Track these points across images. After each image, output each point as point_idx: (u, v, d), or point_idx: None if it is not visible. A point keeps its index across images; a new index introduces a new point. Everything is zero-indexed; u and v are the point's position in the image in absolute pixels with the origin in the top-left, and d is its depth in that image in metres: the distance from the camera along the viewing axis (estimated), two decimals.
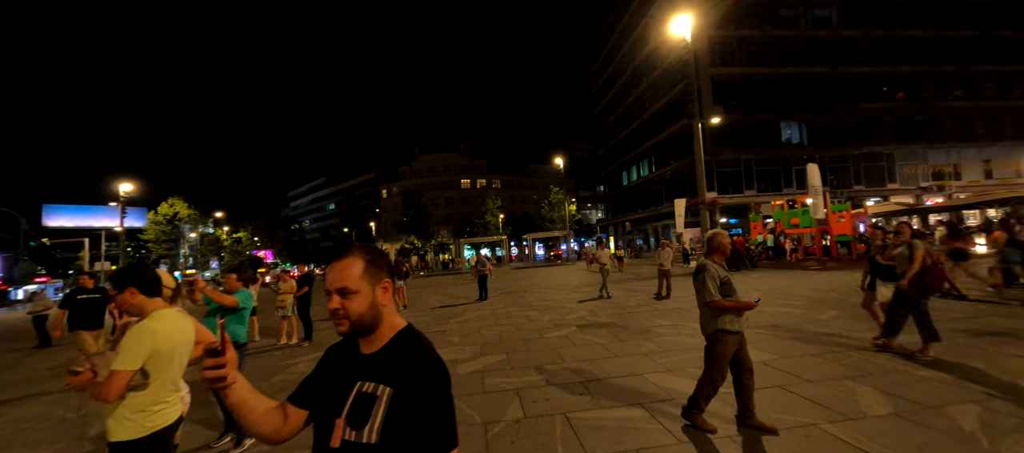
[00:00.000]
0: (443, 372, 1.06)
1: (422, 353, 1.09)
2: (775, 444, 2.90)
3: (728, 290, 3.12)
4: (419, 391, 1.00)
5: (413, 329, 1.18)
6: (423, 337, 1.16)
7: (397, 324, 1.16)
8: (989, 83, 30.85)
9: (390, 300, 1.15)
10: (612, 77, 44.85)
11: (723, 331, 3.07)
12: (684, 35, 16.34)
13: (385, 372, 1.05)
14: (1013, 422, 2.94)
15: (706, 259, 3.29)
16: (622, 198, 44.03)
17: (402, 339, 1.13)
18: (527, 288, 15.24)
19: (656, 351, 5.40)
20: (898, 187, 29.40)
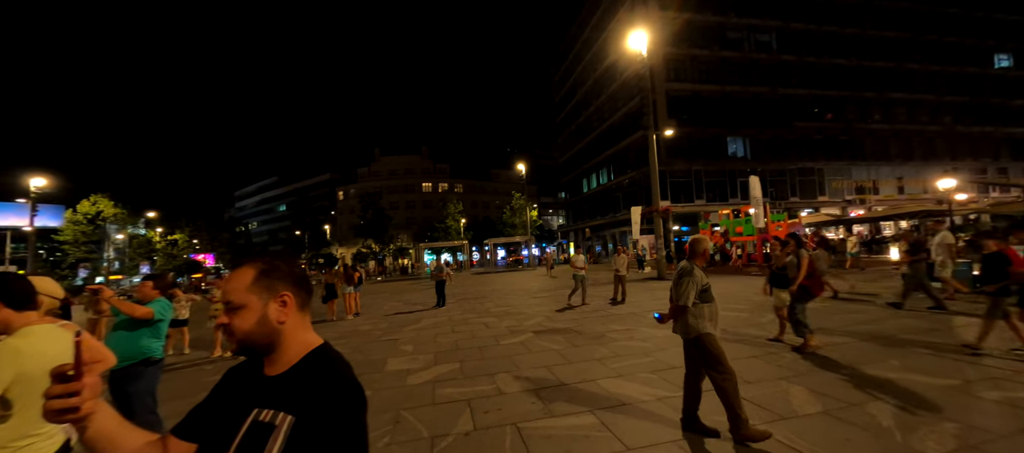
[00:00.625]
0: (356, 398, 0.93)
1: (334, 376, 0.95)
2: (716, 445, 2.97)
3: (708, 296, 3.12)
4: (325, 420, 0.87)
5: (328, 348, 1.04)
6: (339, 358, 1.02)
7: (309, 342, 1.02)
8: (901, 109, 34.74)
9: (294, 315, 1.01)
10: (574, 86, 45.99)
11: (707, 334, 3.07)
12: (641, 50, 17.08)
13: (288, 398, 0.91)
14: (921, 417, 3.21)
15: (689, 262, 3.23)
16: (582, 205, 45.06)
17: (313, 360, 0.99)
18: (486, 294, 15.10)
19: (609, 356, 5.46)
20: (827, 199, 32.27)
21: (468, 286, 19.41)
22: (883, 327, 6.19)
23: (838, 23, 33.87)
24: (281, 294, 0.99)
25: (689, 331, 3.11)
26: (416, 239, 51.32)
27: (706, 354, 3.04)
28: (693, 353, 3.15)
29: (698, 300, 3.08)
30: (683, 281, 3.10)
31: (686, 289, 3.06)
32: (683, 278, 3.12)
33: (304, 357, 0.99)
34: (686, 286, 3.07)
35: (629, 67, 30.52)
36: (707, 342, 3.04)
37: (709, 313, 3.10)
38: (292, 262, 1.06)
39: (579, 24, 44.48)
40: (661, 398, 3.92)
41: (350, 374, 0.98)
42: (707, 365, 3.05)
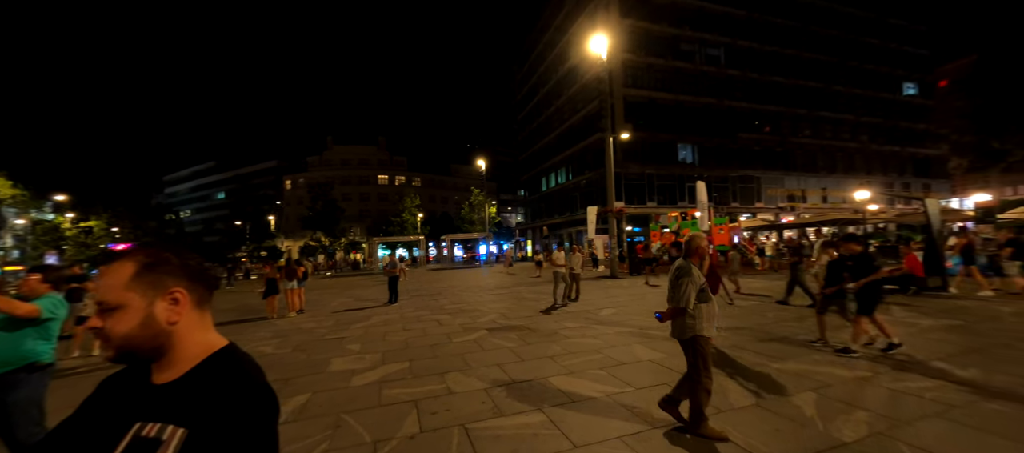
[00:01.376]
0: (265, 405, 0.81)
1: (238, 380, 0.83)
2: (646, 442, 3.06)
3: (705, 296, 3.05)
4: (226, 431, 0.74)
5: (234, 350, 0.90)
6: (245, 359, 0.89)
7: (209, 344, 0.89)
8: (827, 127, 38.41)
9: (189, 314, 0.87)
10: (536, 86, 46.36)
11: (703, 336, 3.04)
12: (601, 55, 17.49)
13: (180, 407, 0.78)
14: (839, 406, 3.50)
15: (687, 262, 3.12)
16: (541, 203, 45.61)
17: (214, 364, 0.86)
18: (441, 290, 14.84)
19: (561, 354, 5.51)
20: (763, 206, 35.00)
21: (423, 282, 18.98)
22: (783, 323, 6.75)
23: (778, 44, 36.74)
24: (171, 290, 0.85)
25: (685, 331, 3.05)
26: (370, 233, 49.45)
27: (696, 355, 3.02)
28: (685, 351, 3.12)
29: (696, 301, 3.00)
30: (682, 282, 3.01)
31: (685, 291, 2.97)
32: (681, 278, 3.02)
33: (203, 361, 0.86)
34: (685, 287, 2.98)
35: (589, 71, 31.25)
36: (700, 344, 3.02)
37: (706, 314, 3.04)
38: (185, 254, 0.91)
39: (542, 26, 44.88)
40: (610, 394, 3.99)
41: (259, 378, 0.86)
42: (693, 365, 3.05)
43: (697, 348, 3.02)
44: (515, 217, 70.22)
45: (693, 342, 3.03)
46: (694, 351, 3.03)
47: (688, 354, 3.08)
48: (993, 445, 2.80)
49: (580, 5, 35.85)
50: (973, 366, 4.32)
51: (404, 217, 45.19)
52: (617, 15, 31.52)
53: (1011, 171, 21.39)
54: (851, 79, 39.39)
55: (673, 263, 5.80)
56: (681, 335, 3.09)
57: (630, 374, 4.56)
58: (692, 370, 3.05)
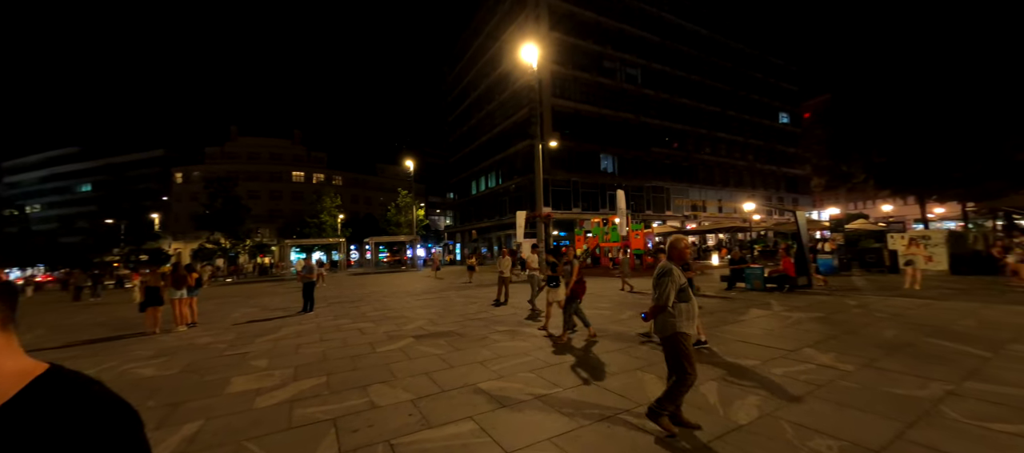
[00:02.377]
0: (124, 421, 0.70)
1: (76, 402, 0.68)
2: (575, 440, 3.16)
3: (685, 296, 3.16)
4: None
5: (61, 372, 0.73)
6: (82, 380, 0.72)
7: (23, 372, 0.71)
8: (723, 146, 43.93)
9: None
10: (467, 88, 46.21)
11: (682, 333, 3.14)
12: (532, 64, 17.97)
13: None
14: (737, 391, 3.95)
15: (669, 263, 3.25)
16: (470, 206, 45.44)
17: (33, 394, 0.68)
18: (364, 297, 13.97)
19: (491, 358, 5.47)
20: (672, 214, 38.81)
21: (343, 288, 17.72)
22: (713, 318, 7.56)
23: (685, 70, 41.17)
24: None
25: (665, 329, 3.17)
26: (281, 235, 44.94)
27: (676, 352, 3.14)
28: (665, 349, 3.23)
29: (676, 300, 3.12)
30: (663, 282, 3.13)
31: (666, 290, 3.10)
32: (663, 279, 3.14)
33: (18, 394, 0.68)
34: (666, 287, 3.10)
35: (520, 78, 31.99)
36: (680, 341, 3.13)
37: (685, 312, 3.15)
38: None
39: (473, 30, 44.97)
40: (541, 396, 4.04)
41: (111, 395, 0.72)
42: (675, 361, 3.16)
43: (677, 344, 3.14)
44: (444, 220, 69.08)
45: (673, 339, 3.15)
46: (675, 347, 3.15)
47: (669, 351, 3.20)
48: (851, 416, 3.36)
49: (511, 15, 36.63)
50: (832, 350, 5.18)
51: (322, 218, 41.88)
52: (546, 27, 32.75)
53: (854, 190, 26.40)
54: (742, 106, 45.59)
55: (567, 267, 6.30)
56: (662, 332, 3.21)
57: (557, 375, 4.68)
58: (676, 366, 3.15)
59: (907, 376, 4.17)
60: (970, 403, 3.49)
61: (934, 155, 19.65)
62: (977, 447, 2.81)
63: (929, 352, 4.97)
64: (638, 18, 38.69)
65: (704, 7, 43.46)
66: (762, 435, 3.10)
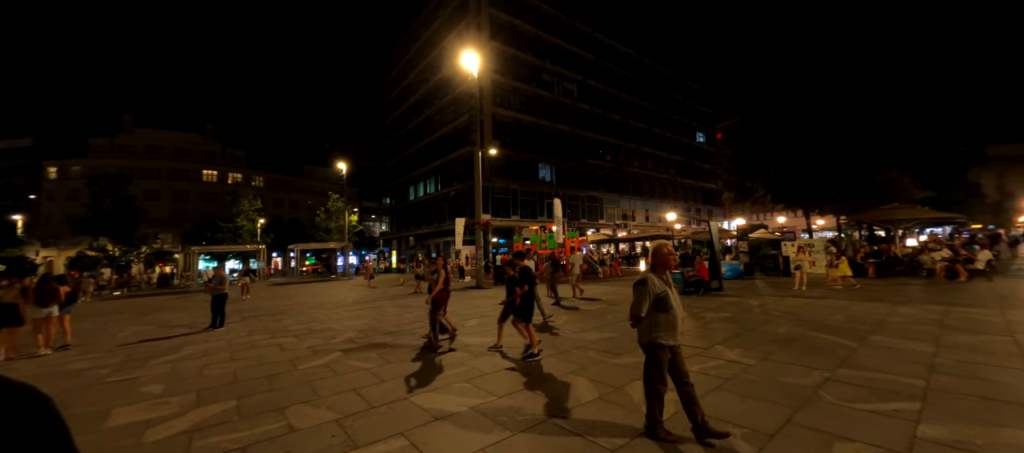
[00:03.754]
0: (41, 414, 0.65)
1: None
2: (509, 449, 3.17)
3: (663, 305, 3.07)
4: None
5: None
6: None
7: None
8: (649, 161, 47.51)
9: None
10: (407, 91, 45.00)
11: (657, 343, 3.08)
12: (473, 71, 18.02)
13: None
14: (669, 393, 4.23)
15: (647, 272, 3.21)
16: (408, 212, 44.08)
17: None
18: (286, 309, 12.84)
19: (425, 370, 5.31)
20: (605, 223, 41.00)
21: (263, 300, 16.15)
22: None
23: (617, 88, 43.99)
24: None
25: (642, 337, 3.17)
26: (187, 240, 39.81)
27: (648, 361, 3.14)
28: (645, 355, 3.18)
29: (653, 309, 3.07)
30: (638, 290, 3.12)
31: (639, 299, 3.08)
32: (638, 288, 3.12)
33: None
34: (639, 296, 3.09)
35: (462, 85, 31.89)
36: (654, 351, 3.09)
37: (664, 322, 3.09)
38: None
39: (413, 33, 44.11)
40: (475, 406, 3.99)
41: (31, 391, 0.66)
42: (646, 370, 3.16)
43: (650, 354, 3.13)
44: (379, 226, 66.18)
45: (648, 348, 3.14)
46: (648, 357, 3.15)
47: (646, 357, 3.19)
48: (752, 405, 3.76)
49: (452, 21, 36.54)
50: (738, 347, 5.79)
51: (238, 222, 37.88)
52: (487, 35, 33.11)
53: (757, 203, 30.03)
54: (665, 125, 49.75)
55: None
56: (640, 340, 3.22)
57: (493, 384, 4.67)
58: (650, 372, 3.15)
59: (795, 366, 4.79)
60: (841, 387, 4.09)
61: (816, 176, 23.03)
62: (845, 423, 3.30)
63: (812, 345, 5.75)
64: (575, 36, 40.66)
65: (633, 31, 46.96)
66: (678, 427, 3.35)
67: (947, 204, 26.58)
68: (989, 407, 3.51)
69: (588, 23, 42.24)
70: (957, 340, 5.69)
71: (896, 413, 3.46)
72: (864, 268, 14.49)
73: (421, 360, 5.79)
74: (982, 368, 4.52)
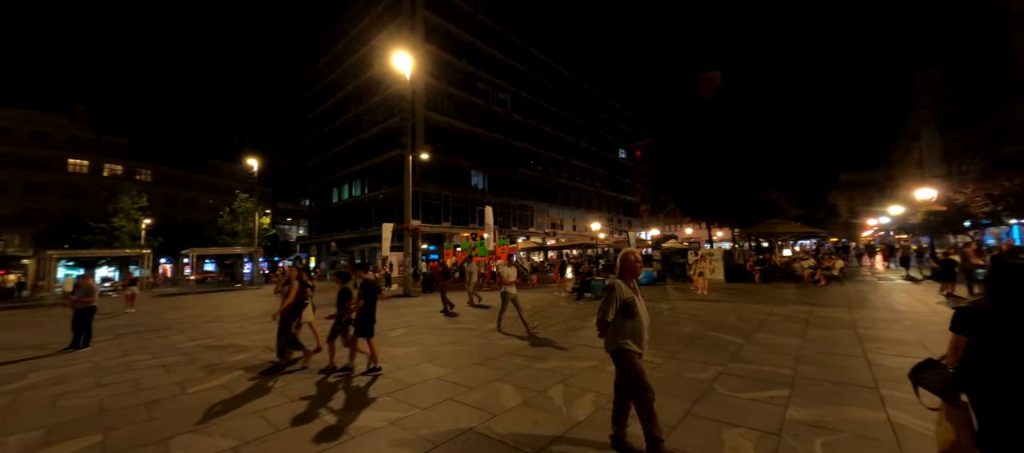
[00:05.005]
0: None
1: None
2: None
3: (630, 312, 3.03)
4: None
5: None
6: None
7: None
8: (577, 173, 50.08)
9: None
10: (332, 87, 42.24)
11: (627, 350, 3.02)
12: (405, 72, 17.52)
13: None
14: (577, 391, 4.44)
15: (614, 277, 3.19)
16: (330, 216, 41.19)
17: None
18: (177, 323, 11.18)
19: (346, 386, 4.96)
20: (535, 231, 42.20)
21: (146, 313, 13.88)
22: (566, 325, 8.37)
23: (549, 102, 45.80)
24: None
25: (609, 344, 3.10)
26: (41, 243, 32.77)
27: (622, 368, 3.06)
28: (616, 366, 3.12)
29: (620, 315, 3.03)
30: (606, 296, 3.09)
31: (607, 304, 3.04)
32: (608, 292, 3.10)
33: None
34: (607, 301, 3.05)
35: (393, 85, 30.80)
36: (625, 358, 3.03)
37: (630, 329, 3.05)
38: None
39: (340, 28, 41.74)
40: (396, 421, 3.82)
41: None
42: (624, 378, 3.08)
43: (622, 361, 3.05)
44: (296, 230, 60.83)
45: (617, 355, 3.08)
46: (621, 365, 3.07)
47: (617, 366, 3.11)
48: (661, 402, 4.06)
49: (383, 19, 35.26)
50: (649, 347, 6.29)
51: (116, 222, 32.16)
52: (421, 37, 32.49)
53: (669, 216, 33.19)
54: (592, 140, 52.90)
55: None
56: (607, 348, 3.14)
57: (417, 396, 4.52)
58: (626, 383, 3.06)
59: (696, 363, 5.34)
60: (731, 380, 4.66)
61: (715, 193, 26.12)
62: (732, 412, 3.75)
63: (711, 343, 6.46)
64: (510, 48, 41.63)
65: (564, 50, 49.45)
66: (596, 426, 3.54)
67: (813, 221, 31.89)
68: (838, 390, 4.24)
69: (523, 37, 43.55)
70: (817, 334, 6.80)
71: (771, 400, 4.02)
72: (751, 274, 16.71)
73: (339, 376, 5.40)
74: (834, 357, 5.45)
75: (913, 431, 3.24)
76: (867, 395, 4.07)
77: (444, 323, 9.41)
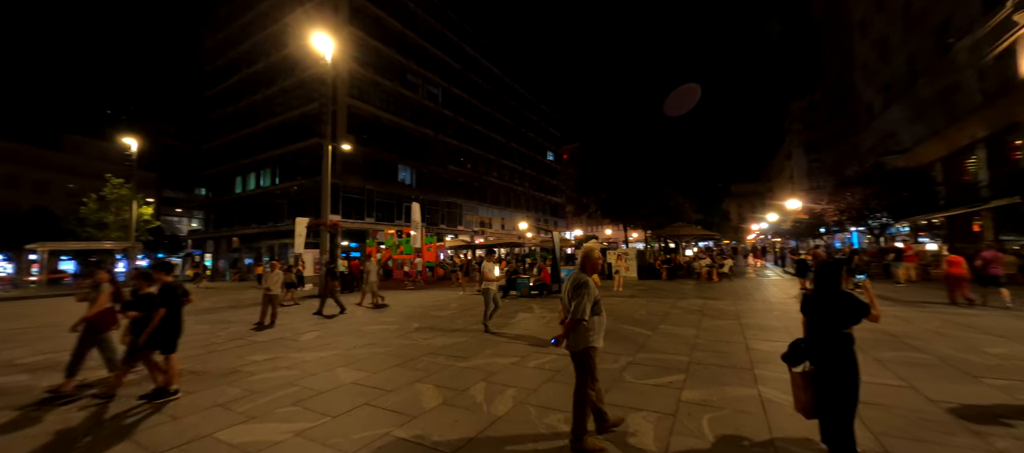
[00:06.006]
0: None
1: None
2: None
3: (598, 309, 3.09)
4: None
5: None
6: None
7: None
8: (507, 173, 50.81)
9: None
10: (238, 63, 37.53)
11: (593, 348, 3.08)
12: (326, 55, 16.23)
13: None
14: (498, 388, 4.50)
15: (583, 274, 3.14)
16: (233, 208, 36.65)
17: None
18: (15, 335, 9.09)
19: (240, 397, 4.45)
20: (464, 229, 41.93)
21: None
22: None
23: (480, 100, 45.77)
24: None
25: (578, 343, 3.04)
26: None
27: (585, 367, 3.06)
28: (576, 364, 3.11)
29: (591, 312, 3.03)
30: (580, 293, 3.00)
31: (583, 303, 2.98)
32: (580, 290, 3.02)
33: None
34: (583, 299, 2.98)
35: (313, 67, 28.35)
36: (591, 356, 3.07)
37: (598, 325, 3.09)
38: None
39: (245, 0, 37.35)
40: (302, 431, 3.53)
41: None
42: (584, 376, 3.06)
43: (588, 360, 3.06)
44: (188, 222, 53.08)
45: (585, 353, 3.05)
46: (585, 363, 3.06)
47: (578, 366, 3.09)
48: None
49: None
50: None
51: None
52: (345, 18, 30.38)
53: (592, 217, 35.23)
54: (522, 141, 54.06)
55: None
56: (575, 347, 3.07)
57: (329, 403, 4.22)
58: (580, 382, 3.06)
59: (610, 354, 5.73)
60: (638, 368, 5.09)
61: (631, 198, 28.35)
62: (637, 397, 4.11)
63: (623, 335, 6.99)
64: (442, 42, 40.78)
65: (497, 50, 49.84)
66: (515, 421, 3.63)
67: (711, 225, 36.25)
68: (723, 372, 4.86)
69: (455, 32, 42.94)
70: (709, 324, 7.74)
71: (670, 384, 4.48)
72: (659, 272, 18.44)
73: (238, 386, 4.83)
74: (722, 344, 6.25)
75: (777, 403, 3.84)
76: (745, 375, 4.73)
77: (364, 324, 8.92)
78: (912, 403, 3.80)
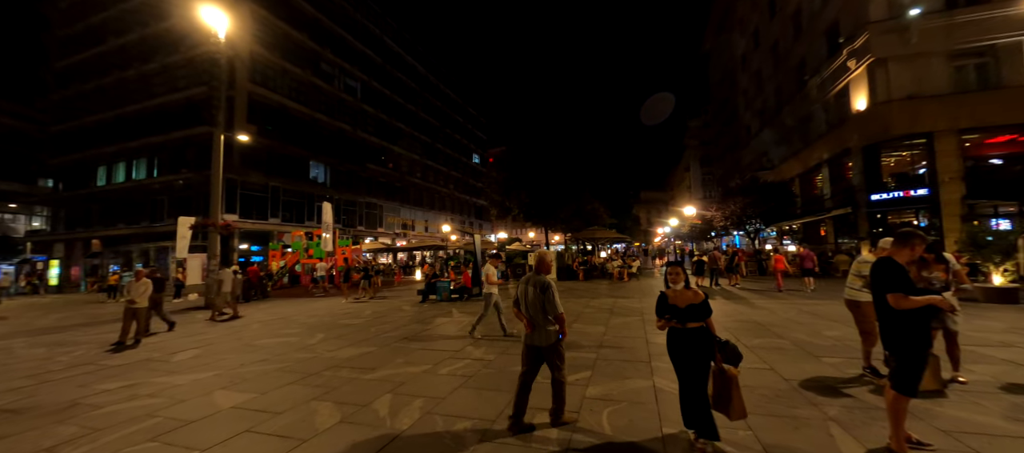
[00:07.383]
0: None
1: None
2: None
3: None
4: None
5: None
6: None
7: None
8: (431, 174, 49.61)
9: None
10: (103, 30, 31.33)
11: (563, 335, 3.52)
12: (218, 32, 14.29)
13: None
14: (405, 400, 4.27)
15: (542, 276, 3.63)
16: (92, 204, 30.48)
17: None
18: None
19: (75, 437, 3.61)
20: (384, 231, 39.93)
21: None
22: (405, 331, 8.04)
23: (404, 98, 44.08)
24: None
25: (551, 336, 3.44)
26: None
27: (555, 356, 3.48)
28: (547, 356, 3.48)
29: None
30: (550, 293, 3.45)
31: (556, 298, 3.45)
32: (549, 290, 3.46)
33: None
34: (555, 296, 3.45)
35: (203, 44, 24.74)
36: (560, 345, 3.52)
37: None
38: None
39: None
40: None
41: None
42: (558, 364, 3.49)
43: (560, 348, 3.52)
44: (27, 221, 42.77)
45: (559, 344, 3.50)
46: (560, 352, 3.51)
47: (554, 357, 3.48)
48: (485, 397, 4.28)
49: None
50: (483, 345, 6.58)
51: None
52: None
53: (515, 220, 35.88)
54: (447, 142, 53.24)
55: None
56: (547, 341, 3.45)
57: (197, 435, 3.62)
58: (557, 371, 3.48)
59: None
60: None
61: (551, 202, 29.52)
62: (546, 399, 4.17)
63: None
64: (362, 33, 38.50)
65: (422, 47, 48.53)
66: (419, 433, 3.45)
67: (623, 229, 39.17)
68: (624, 367, 5.19)
69: (377, 25, 40.89)
70: (617, 322, 8.27)
71: (577, 381, 4.65)
72: (577, 273, 19.39)
73: (75, 423, 3.92)
74: (626, 340, 6.70)
75: (668, 392, 4.19)
76: (643, 368, 5.10)
77: (258, 338, 7.93)
78: (771, 382, 4.42)
